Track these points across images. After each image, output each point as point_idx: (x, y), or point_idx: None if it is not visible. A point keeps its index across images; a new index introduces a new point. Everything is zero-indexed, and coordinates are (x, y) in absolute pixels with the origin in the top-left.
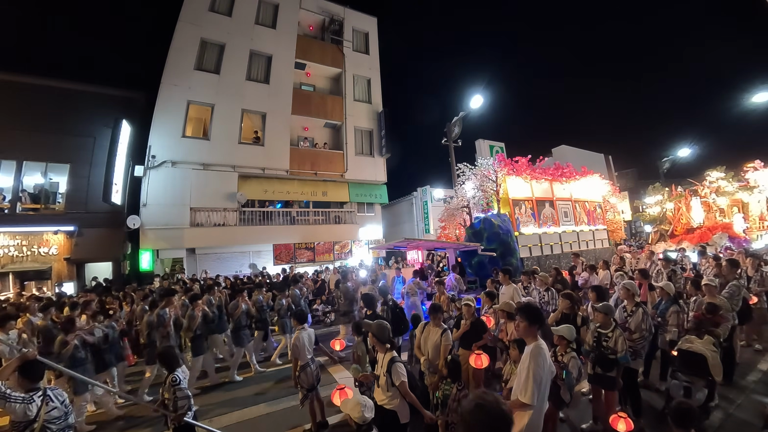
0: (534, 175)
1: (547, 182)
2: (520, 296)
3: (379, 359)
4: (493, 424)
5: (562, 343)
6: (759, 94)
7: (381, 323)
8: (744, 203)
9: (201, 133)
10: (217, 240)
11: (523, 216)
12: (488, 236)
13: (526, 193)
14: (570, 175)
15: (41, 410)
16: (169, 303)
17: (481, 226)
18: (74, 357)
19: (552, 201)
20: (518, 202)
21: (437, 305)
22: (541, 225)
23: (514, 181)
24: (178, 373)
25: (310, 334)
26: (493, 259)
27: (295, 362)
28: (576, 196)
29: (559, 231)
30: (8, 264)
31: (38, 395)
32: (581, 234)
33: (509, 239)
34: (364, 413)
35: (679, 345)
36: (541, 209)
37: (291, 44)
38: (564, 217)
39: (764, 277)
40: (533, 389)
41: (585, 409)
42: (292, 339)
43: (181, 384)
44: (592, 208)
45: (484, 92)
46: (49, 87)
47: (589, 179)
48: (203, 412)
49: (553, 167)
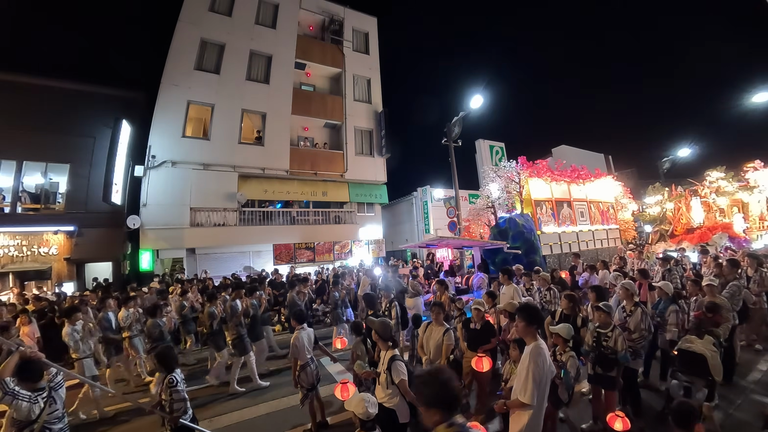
0: (554, 177)
1: (566, 184)
2: (520, 296)
3: (381, 357)
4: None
5: (561, 343)
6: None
7: (384, 321)
8: (744, 203)
9: (201, 133)
10: (217, 240)
11: (544, 216)
12: (513, 235)
13: (546, 194)
14: (586, 177)
15: (44, 411)
16: (238, 295)
17: (507, 226)
18: None
19: (569, 202)
20: (539, 202)
21: (439, 302)
22: (560, 224)
23: (536, 182)
24: (175, 375)
25: (310, 333)
26: (517, 256)
27: (295, 362)
28: (591, 197)
29: (576, 230)
30: (8, 264)
31: (42, 396)
32: (596, 233)
33: (533, 238)
34: (368, 409)
35: (679, 345)
36: (560, 209)
37: (291, 44)
38: (580, 216)
39: (763, 278)
40: (533, 389)
41: (585, 409)
42: (292, 339)
43: (178, 386)
44: (605, 208)
45: (484, 92)
46: (49, 87)
47: (603, 181)
48: (203, 413)
49: (570, 169)
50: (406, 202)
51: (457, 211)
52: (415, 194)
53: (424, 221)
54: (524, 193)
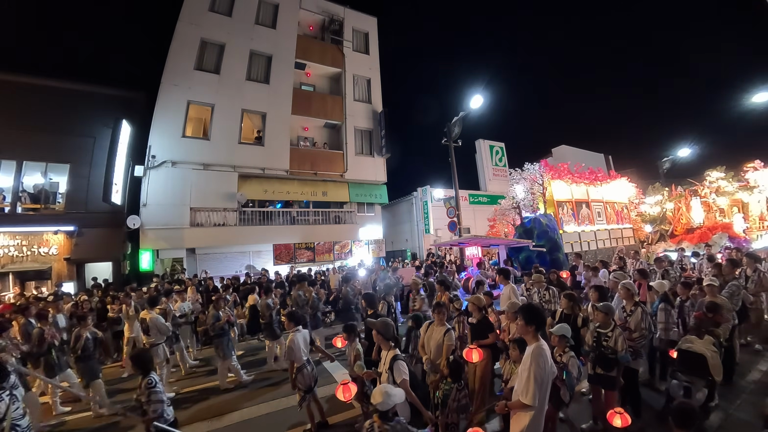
0: (573, 179)
1: (584, 185)
2: (517, 296)
3: (383, 357)
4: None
5: (559, 344)
6: (759, 94)
7: (386, 321)
8: (744, 203)
9: (201, 133)
10: (217, 240)
11: (565, 216)
12: (538, 233)
13: (567, 196)
14: (603, 179)
15: (9, 408)
16: (302, 287)
17: (532, 225)
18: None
19: (587, 202)
20: (561, 203)
21: (441, 303)
22: (579, 224)
23: (558, 184)
24: (153, 376)
25: (305, 335)
26: (541, 254)
27: (292, 365)
28: (607, 198)
29: (594, 229)
30: (8, 264)
31: (6, 394)
32: (612, 232)
33: (556, 236)
34: (388, 399)
35: (679, 345)
36: (579, 210)
37: (291, 44)
38: (598, 216)
39: (762, 278)
40: (534, 390)
41: (585, 409)
42: (287, 341)
43: (156, 386)
44: (620, 208)
45: (484, 92)
46: (49, 87)
47: (618, 182)
48: (203, 413)
49: (587, 171)
50: (406, 202)
51: (457, 211)
52: (415, 194)
53: (424, 221)
54: (547, 194)
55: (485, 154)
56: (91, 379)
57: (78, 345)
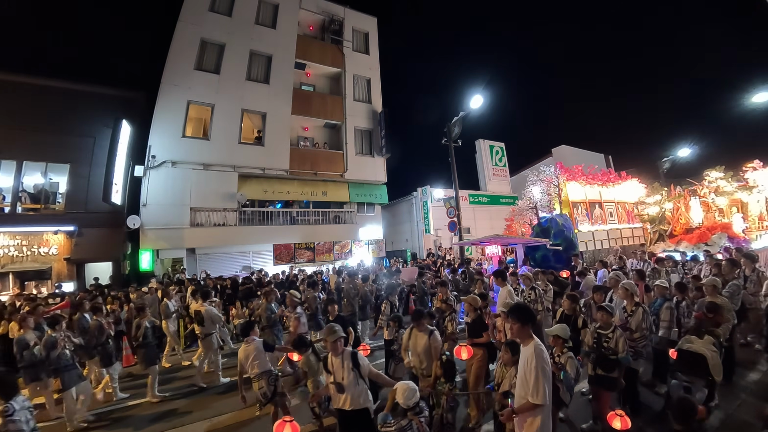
0: (587, 180)
1: (597, 186)
2: (513, 297)
3: (336, 363)
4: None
5: (559, 344)
6: (759, 94)
7: (331, 326)
8: (743, 203)
9: (201, 133)
10: (217, 240)
11: (580, 216)
12: (555, 233)
13: (581, 196)
14: (615, 180)
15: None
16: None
17: (548, 225)
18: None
19: (600, 203)
20: (576, 203)
21: (420, 311)
22: (593, 223)
23: (573, 185)
24: (12, 403)
25: (258, 345)
26: (557, 253)
27: (242, 376)
28: (618, 199)
29: (606, 228)
30: (8, 264)
31: (29, 410)
32: (623, 231)
33: (572, 236)
34: (413, 395)
35: (680, 345)
36: (592, 210)
37: (291, 44)
38: (610, 216)
39: (760, 278)
40: (545, 388)
41: (585, 409)
42: (239, 353)
43: (14, 415)
44: (630, 208)
45: (484, 92)
46: (49, 87)
47: (629, 183)
48: (203, 413)
49: (600, 173)
50: (406, 202)
51: (457, 211)
52: (415, 194)
53: (424, 221)
54: (563, 195)
55: (485, 154)
56: (149, 364)
57: (139, 333)
